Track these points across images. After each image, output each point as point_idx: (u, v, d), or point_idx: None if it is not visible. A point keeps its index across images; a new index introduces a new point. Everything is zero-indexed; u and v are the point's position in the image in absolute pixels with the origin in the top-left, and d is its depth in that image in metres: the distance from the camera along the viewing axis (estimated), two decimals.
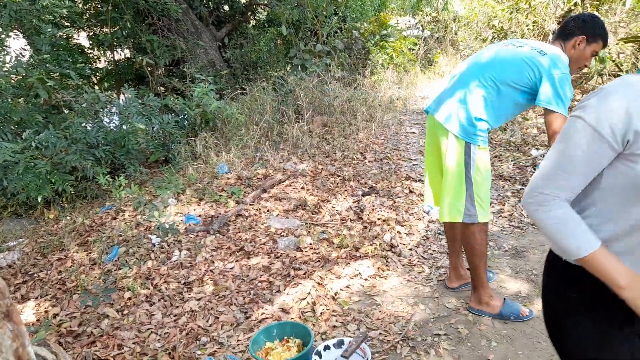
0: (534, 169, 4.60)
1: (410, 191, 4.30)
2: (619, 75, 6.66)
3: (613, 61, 6.48)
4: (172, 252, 3.36)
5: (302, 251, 3.31)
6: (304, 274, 3.01)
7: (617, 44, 7.07)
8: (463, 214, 2.32)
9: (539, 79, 2.12)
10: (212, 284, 2.98)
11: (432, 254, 3.25)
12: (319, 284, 2.89)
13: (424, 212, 3.89)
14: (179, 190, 4.28)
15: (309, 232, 3.57)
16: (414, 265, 3.11)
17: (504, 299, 2.52)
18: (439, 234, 3.53)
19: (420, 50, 10.75)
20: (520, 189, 4.20)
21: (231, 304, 2.76)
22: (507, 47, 2.29)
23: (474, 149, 2.26)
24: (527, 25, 6.87)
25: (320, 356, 2.11)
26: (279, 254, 3.29)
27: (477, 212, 2.30)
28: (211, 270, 3.13)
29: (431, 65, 10.55)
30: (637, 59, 7.43)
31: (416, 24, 12.03)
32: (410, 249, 3.33)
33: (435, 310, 2.60)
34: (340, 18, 9.02)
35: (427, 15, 11.71)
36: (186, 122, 5.89)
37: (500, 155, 5.04)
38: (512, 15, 6.94)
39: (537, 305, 2.58)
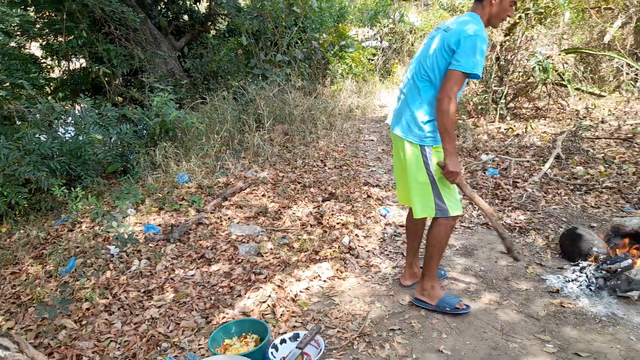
0: (484, 173, 4.85)
1: (369, 196, 4.44)
2: (562, 84, 7.10)
3: (556, 71, 6.90)
4: (131, 262, 3.35)
5: (262, 256, 3.37)
6: (265, 278, 3.08)
7: (559, 54, 7.54)
8: (435, 210, 2.46)
9: (453, 53, 2.22)
10: (172, 292, 2.99)
11: (388, 254, 3.39)
12: (279, 286, 2.96)
13: (381, 215, 4.03)
14: (138, 200, 4.25)
15: (270, 237, 3.64)
16: (371, 265, 3.24)
17: (445, 293, 2.66)
18: (395, 235, 3.68)
19: (378, 61, 11.05)
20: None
21: (192, 310, 2.78)
22: (428, 42, 2.40)
23: (428, 150, 2.40)
24: None
25: (276, 349, 2.19)
26: (239, 260, 3.34)
27: (448, 206, 2.45)
28: (172, 278, 3.14)
29: (389, 74, 10.86)
30: (578, 69, 7.95)
31: (374, 35, 12.36)
32: (367, 251, 3.45)
33: (390, 307, 2.72)
34: (300, 29, 9.18)
35: (384, 27, 12.06)
36: (145, 131, 5.84)
37: None
38: None
39: (485, 299, 2.75)
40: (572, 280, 2.83)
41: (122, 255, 3.43)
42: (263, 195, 4.44)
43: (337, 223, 3.85)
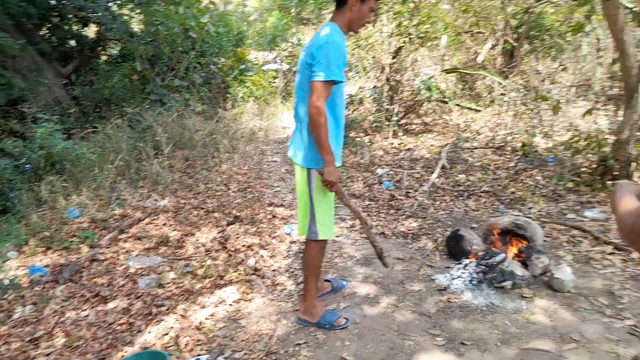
0: (380, 185, 5.16)
1: (273, 216, 4.50)
2: (444, 101, 7.81)
3: (439, 89, 7.59)
4: (13, 310, 3.05)
5: (164, 287, 3.26)
6: (167, 309, 2.98)
7: (441, 74, 8.30)
8: (308, 231, 2.56)
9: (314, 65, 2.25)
10: (63, 336, 2.77)
11: (293, 271, 3.46)
12: (182, 316, 2.88)
13: (286, 234, 4.11)
14: (21, 241, 3.89)
15: (172, 267, 3.53)
16: (277, 284, 3.28)
17: (326, 309, 2.78)
18: (300, 252, 3.77)
19: (279, 83, 11.29)
20: (369, 204, 4.68)
21: (86, 353, 2.61)
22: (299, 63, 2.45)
23: (314, 172, 2.47)
24: (367, 60, 7.72)
25: None
26: (139, 294, 3.19)
27: (318, 230, 2.54)
28: (62, 322, 2.91)
29: (291, 96, 11.13)
30: (457, 87, 8.80)
31: (274, 58, 12.63)
32: (273, 270, 3.49)
33: (296, 322, 2.78)
34: (198, 53, 9.10)
35: (283, 50, 12.39)
36: (28, 165, 5.37)
37: (352, 176, 5.55)
38: (354, 50, 7.75)
39: (383, 303, 2.92)
40: (457, 277, 3.12)
41: (3, 304, 3.11)
42: (164, 224, 4.30)
43: (243, 246, 3.85)
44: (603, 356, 2.35)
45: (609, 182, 4.47)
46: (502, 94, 7.61)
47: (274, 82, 11.27)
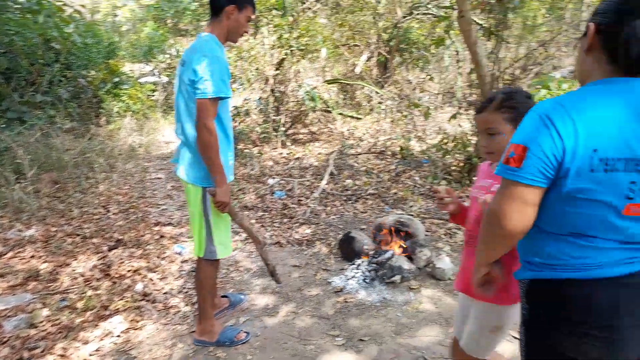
0: (272, 196, 5.17)
1: (161, 236, 4.25)
2: (328, 110, 8.11)
3: (322, 99, 7.87)
4: None
5: (37, 327, 2.88)
6: (43, 351, 2.63)
7: (323, 85, 8.63)
8: (205, 251, 2.45)
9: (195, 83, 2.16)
10: None
11: (187, 292, 3.29)
12: (62, 356, 2.57)
13: (176, 253, 3.90)
14: None
15: (45, 303, 3.13)
16: (170, 307, 3.09)
17: (225, 326, 2.72)
18: (193, 271, 3.60)
19: (159, 96, 10.77)
20: (262, 215, 4.66)
21: None
22: (177, 79, 2.35)
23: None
24: (250, 72, 7.73)
25: None
26: (5, 339, 2.78)
27: (217, 249, 2.44)
28: None
29: (172, 110, 10.67)
30: (339, 96, 9.22)
31: (152, 70, 12.02)
32: (165, 293, 3.28)
33: (193, 345, 2.64)
34: (64, 65, 8.30)
35: (161, 62, 11.86)
36: None
37: (244, 187, 5.48)
38: (237, 62, 7.71)
39: (283, 312, 2.92)
40: (352, 278, 3.24)
41: None
42: (32, 257, 3.81)
43: (128, 271, 3.56)
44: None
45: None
46: (379, 103, 8.15)
47: (153, 95, 10.72)
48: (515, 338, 2.48)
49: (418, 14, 7.93)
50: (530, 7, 6.35)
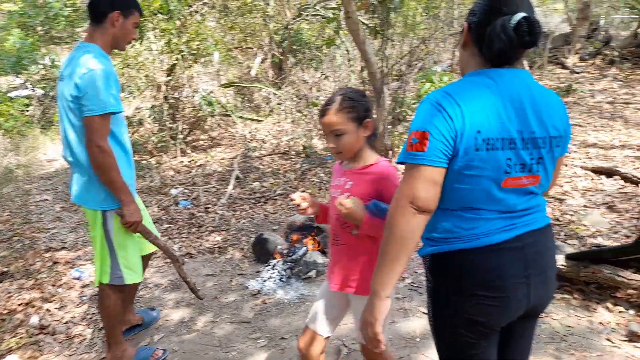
0: (177, 206, 4.97)
1: (55, 262, 3.88)
2: (227, 114, 7.98)
3: (220, 103, 7.71)
4: None
5: None
6: None
7: (219, 89, 8.46)
8: (111, 277, 2.26)
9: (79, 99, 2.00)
10: None
11: (92, 317, 3.05)
12: None
13: (75, 278, 3.59)
14: None
15: None
16: (74, 336, 2.84)
17: (138, 347, 2.58)
18: (95, 295, 3.34)
19: (35, 111, 9.76)
20: (168, 227, 4.46)
21: None
22: (59, 95, 2.14)
23: (110, 214, 2.19)
24: (139, 79, 7.33)
25: None
26: None
27: (124, 274, 2.26)
28: None
29: (52, 125, 9.73)
30: (237, 100, 9.11)
31: (23, 83, 10.84)
32: (66, 322, 3.01)
33: None
34: None
35: (34, 74, 10.74)
36: None
37: (145, 201, 5.19)
38: (124, 70, 7.26)
39: (200, 323, 2.83)
40: (268, 279, 3.25)
41: None
42: None
43: (19, 304, 3.20)
44: (396, 313, 2.77)
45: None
46: (278, 104, 8.21)
47: (27, 111, 9.69)
48: (425, 314, 2.68)
49: (307, 15, 8.12)
50: (409, 7, 6.84)
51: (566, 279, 2.86)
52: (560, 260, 2.85)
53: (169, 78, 7.27)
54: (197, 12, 7.77)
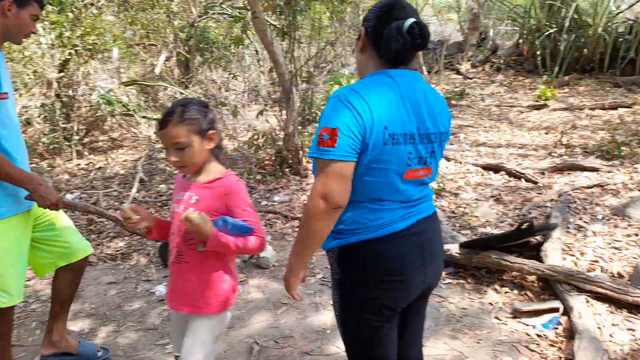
0: (73, 212, 4.60)
1: None
2: (130, 114, 7.54)
3: (121, 102, 7.27)
4: None
5: None
6: None
7: (119, 87, 7.97)
8: None
9: None
10: None
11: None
12: None
13: None
14: None
15: None
16: None
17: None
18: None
19: None
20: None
21: None
22: None
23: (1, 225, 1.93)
24: (27, 75, 6.67)
25: None
26: None
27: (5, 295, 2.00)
28: None
29: None
30: (140, 99, 8.65)
31: None
32: None
33: None
34: None
35: None
36: None
37: None
38: (8, 64, 6.55)
39: (102, 334, 2.66)
40: None
41: None
42: None
43: None
44: (307, 308, 2.83)
45: (287, 169, 5.31)
46: None
47: None
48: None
49: (214, 13, 7.94)
50: (316, 11, 6.98)
51: (460, 265, 3.13)
52: (455, 249, 3.11)
53: (62, 74, 6.70)
54: (92, 4, 7.26)
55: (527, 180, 4.59)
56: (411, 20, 1.31)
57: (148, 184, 5.31)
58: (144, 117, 7.66)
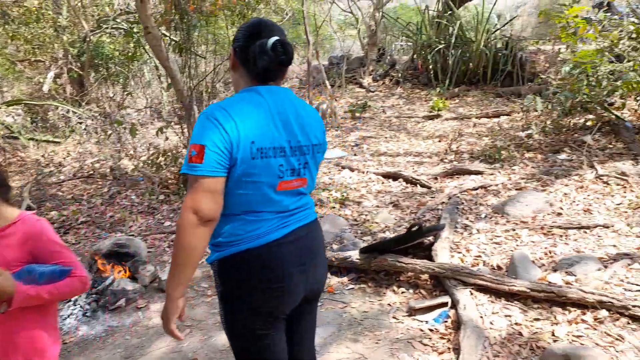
0: None
1: None
2: (14, 137, 6.90)
3: (2, 124, 6.63)
4: None
5: None
6: None
7: (1, 107, 7.27)
8: None
9: None
10: None
11: None
12: None
13: None
14: None
15: None
16: None
17: None
18: None
19: None
20: None
21: None
22: None
23: None
24: None
25: None
26: None
27: None
28: None
29: None
30: (27, 120, 7.96)
31: None
32: None
33: None
34: None
35: None
36: None
37: None
38: None
39: None
40: (69, 316, 2.92)
41: None
42: None
43: None
44: (212, 328, 2.78)
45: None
46: (79, 123, 7.44)
47: None
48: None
49: (107, 27, 7.57)
50: (219, 25, 6.96)
51: (361, 270, 3.27)
52: (355, 255, 3.24)
53: None
54: None
55: (422, 185, 4.93)
56: (274, 38, 1.39)
57: (38, 211, 4.88)
58: (31, 139, 7.05)
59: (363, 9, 12.48)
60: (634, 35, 5.68)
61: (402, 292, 3.05)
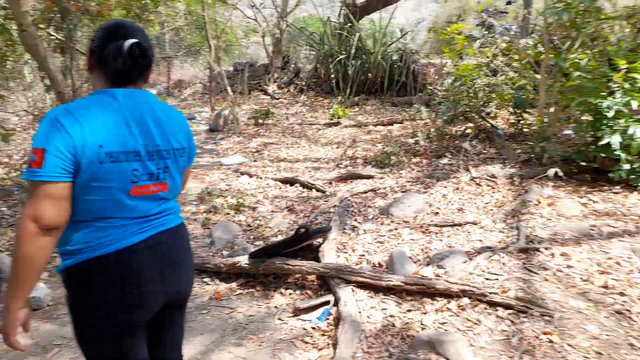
0: None
1: None
2: None
3: None
4: None
5: None
6: None
7: None
8: None
9: None
10: None
11: None
12: None
13: None
14: None
15: None
16: None
17: None
18: None
19: None
20: None
21: None
22: None
23: None
24: None
25: None
26: None
27: None
28: None
29: None
30: None
31: None
32: None
33: None
34: None
35: None
36: None
37: None
38: None
39: None
40: None
41: None
42: None
43: None
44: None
45: None
46: None
47: None
48: None
49: None
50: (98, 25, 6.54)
51: (250, 275, 3.27)
52: (244, 260, 3.24)
53: None
54: None
55: (317, 190, 5.06)
56: (132, 40, 1.36)
57: None
58: None
59: (269, 17, 12.56)
60: (506, 52, 6.38)
61: (290, 294, 3.10)
